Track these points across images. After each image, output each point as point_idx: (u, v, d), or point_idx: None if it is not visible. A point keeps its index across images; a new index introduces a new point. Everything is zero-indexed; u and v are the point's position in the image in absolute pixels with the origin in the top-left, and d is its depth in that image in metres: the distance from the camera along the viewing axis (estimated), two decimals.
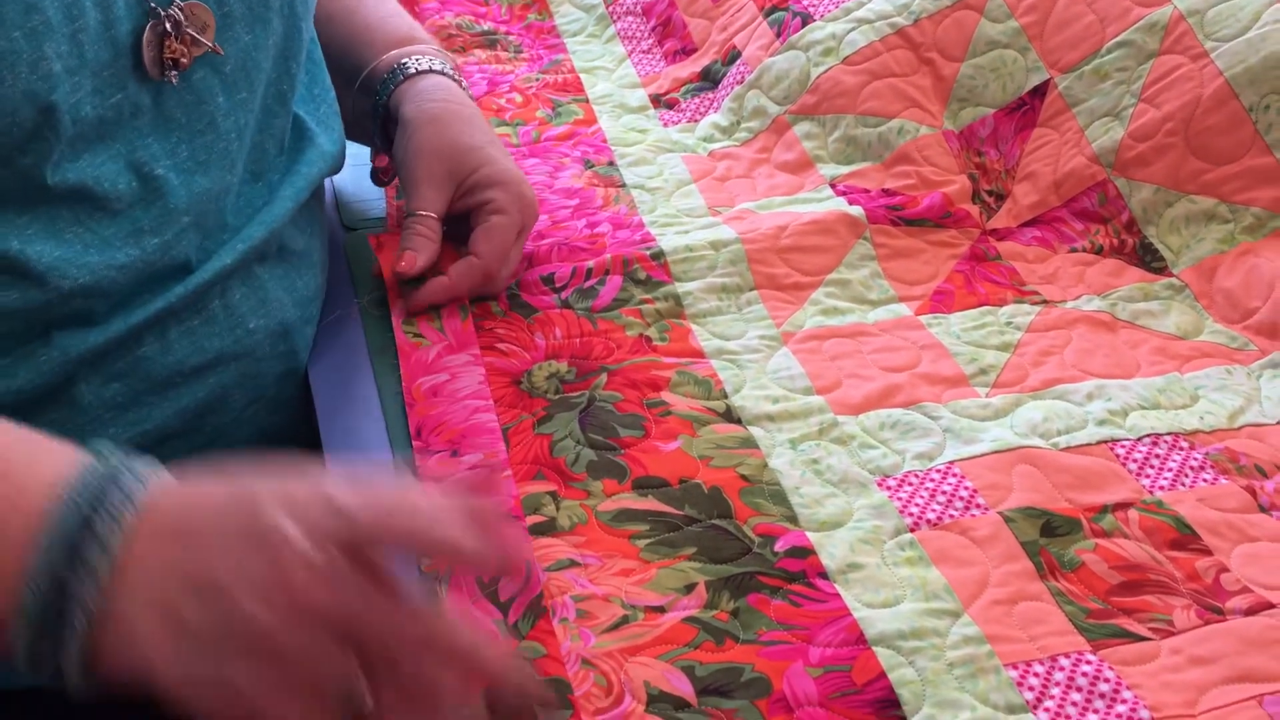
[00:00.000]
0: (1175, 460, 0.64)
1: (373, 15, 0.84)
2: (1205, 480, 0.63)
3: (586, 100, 1.00)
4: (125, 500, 0.45)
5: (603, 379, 0.69)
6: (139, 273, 0.61)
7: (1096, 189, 0.82)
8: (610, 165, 0.90)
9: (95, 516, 0.45)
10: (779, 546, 0.59)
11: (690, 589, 0.57)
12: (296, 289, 0.71)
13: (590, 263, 0.77)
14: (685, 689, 0.52)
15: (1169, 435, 0.66)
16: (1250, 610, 0.56)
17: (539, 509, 0.61)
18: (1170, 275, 0.79)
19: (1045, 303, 0.77)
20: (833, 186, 0.86)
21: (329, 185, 0.85)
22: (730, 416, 0.67)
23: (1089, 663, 0.53)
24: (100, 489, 0.45)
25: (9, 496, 0.45)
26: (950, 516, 0.60)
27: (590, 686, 0.52)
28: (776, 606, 0.56)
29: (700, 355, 0.71)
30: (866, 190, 0.86)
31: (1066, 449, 0.65)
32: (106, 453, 0.47)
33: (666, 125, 0.96)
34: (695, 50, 1.03)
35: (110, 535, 0.44)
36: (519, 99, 0.99)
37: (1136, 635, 0.55)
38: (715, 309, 0.75)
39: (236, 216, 0.67)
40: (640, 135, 0.94)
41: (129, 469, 0.46)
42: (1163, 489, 0.62)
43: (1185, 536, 0.60)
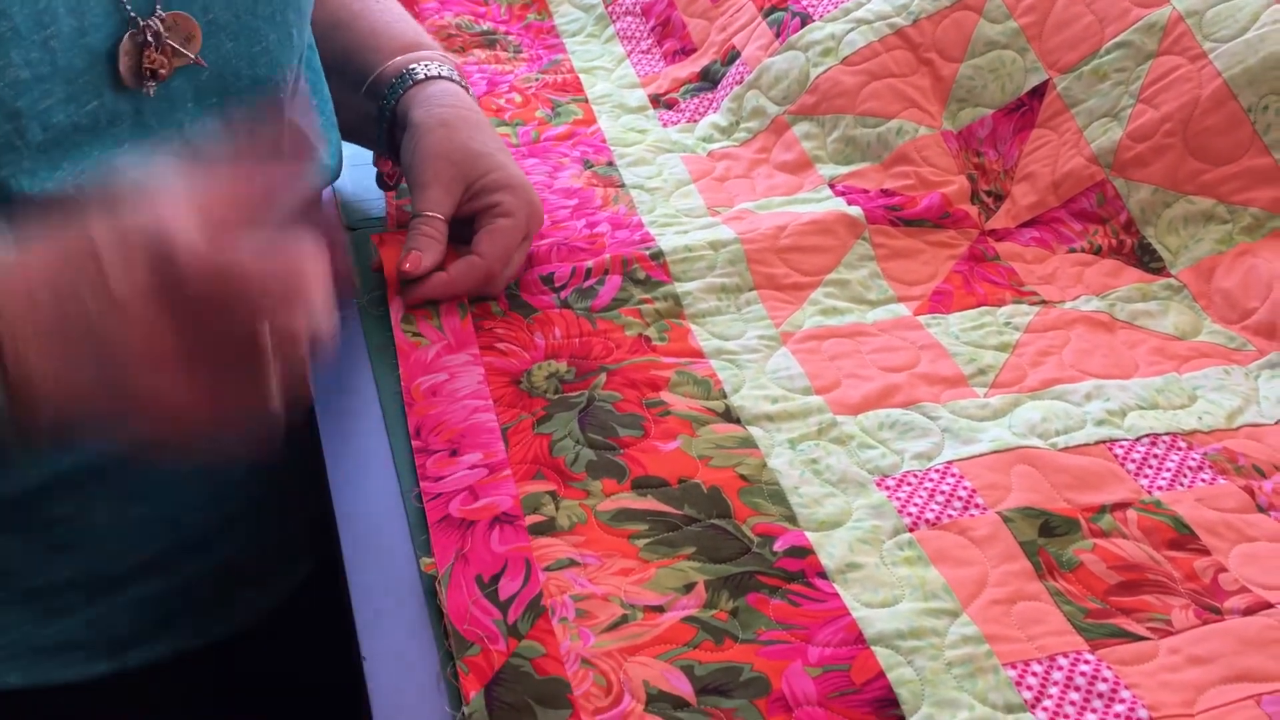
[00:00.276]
0: (1173, 460, 0.64)
1: (379, 21, 0.84)
2: (1203, 480, 0.63)
3: (586, 100, 1.00)
4: None
5: (602, 379, 0.69)
6: None
7: (1095, 189, 0.82)
8: (609, 165, 0.90)
9: None
10: (778, 546, 0.59)
11: (689, 589, 0.57)
12: None
13: (589, 263, 0.77)
14: (684, 688, 0.52)
15: (1167, 435, 0.66)
16: (1248, 610, 0.56)
17: (538, 509, 0.61)
18: (1168, 276, 0.79)
19: (1044, 303, 0.77)
20: (831, 187, 0.86)
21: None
22: (729, 416, 0.67)
23: (1087, 662, 0.53)
24: None
25: None
26: (949, 516, 0.60)
27: (589, 686, 0.52)
28: (775, 606, 0.56)
29: (699, 355, 0.71)
30: (865, 190, 0.86)
31: (1065, 449, 0.65)
32: None
33: (666, 125, 0.96)
34: (694, 50, 1.03)
35: None
36: (518, 99, 0.99)
37: (1135, 635, 0.55)
38: (714, 309, 0.75)
39: None
40: (639, 135, 0.95)
41: None
42: (1161, 489, 0.63)
43: (1183, 536, 0.60)
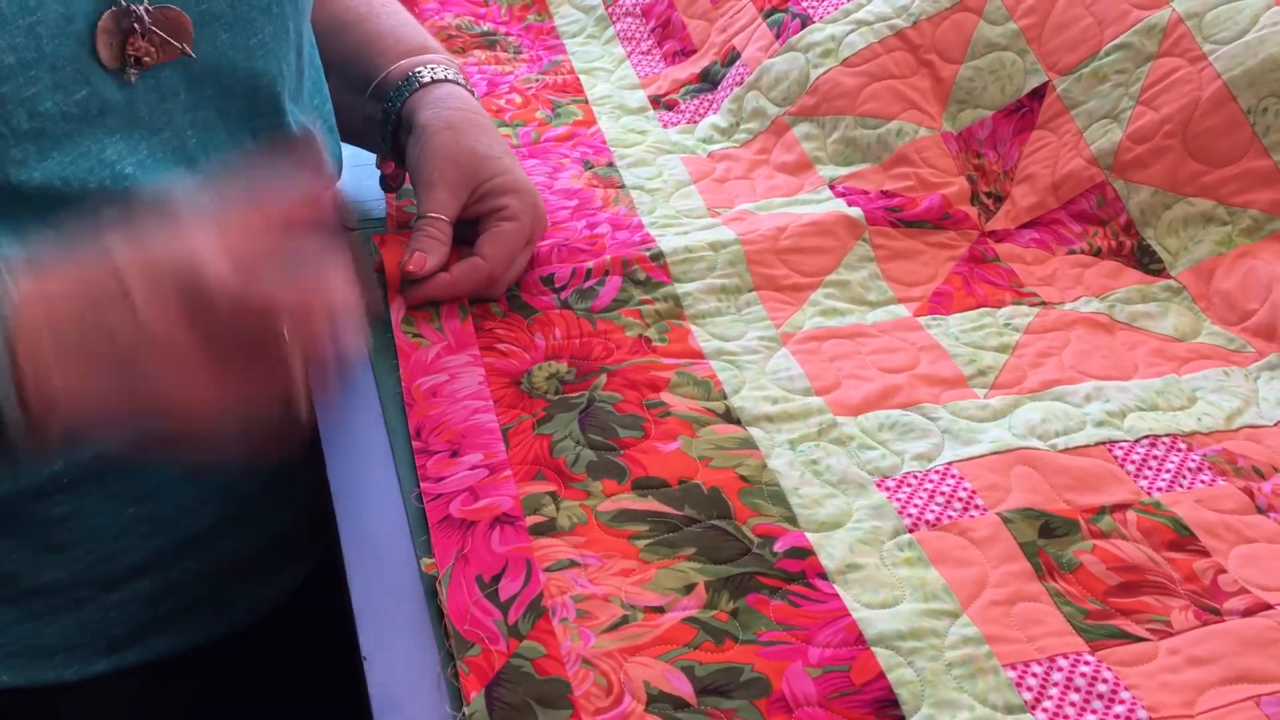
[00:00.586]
0: (1173, 462, 0.64)
1: (385, 24, 0.84)
2: (1203, 482, 0.63)
3: (586, 101, 1.00)
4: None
5: (602, 379, 0.69)
6: None
7: (1095, 191, 0.82)
8: (610, 166, 0.90)
9: None
10: (778, 547, 0.59)
11: (690, 589, 0.57)
12: None
13: (590, 263, 0.77)
14: (685, 689, 0.52)
15: (1167, 437, 0.66)
16: (1248, 611, 0.56)
17: (539, 509, 0.61)
18: (1168, 277, 0.79)
19: (1043, 304, 0.77)
20: (832, 188, 0.86)
21: None
22: (729, 417, 0.67)
23: (1087, 663, 0.53)
24: None
25: None
26: (949, 517, 0.61)
27: (590, 686, 0.52)
28: (776, 607, 0.56)
29: (700, 356, 0.72)
30: (865, 192, 0.86)
31: (1065, 450, 0.65)
32: None
33: (666, 126, 0.96)
34: (694, 51, 1.03)
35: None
36: (518, 100, 0.99)
37: (1134, 636, 0.55)
38: (715, 310, 0.75)
39: None
40: (640, 136, 0.95)
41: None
42: (1161, 490, 0.63)
43: (1183, 538, 0.60)
